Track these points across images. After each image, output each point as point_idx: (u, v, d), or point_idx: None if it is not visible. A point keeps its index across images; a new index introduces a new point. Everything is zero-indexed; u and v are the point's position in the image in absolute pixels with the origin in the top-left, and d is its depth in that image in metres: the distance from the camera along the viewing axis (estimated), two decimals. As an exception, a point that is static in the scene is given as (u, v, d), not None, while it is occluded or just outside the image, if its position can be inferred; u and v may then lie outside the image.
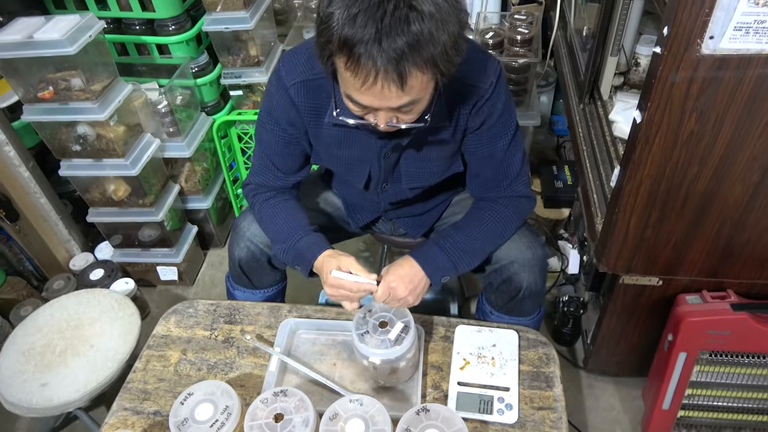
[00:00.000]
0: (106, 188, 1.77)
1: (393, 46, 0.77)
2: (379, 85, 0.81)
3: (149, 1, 1.72)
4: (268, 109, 1.13)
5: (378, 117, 0.91)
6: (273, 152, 1.17)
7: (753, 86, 0.92)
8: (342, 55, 0.81)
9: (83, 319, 1.49)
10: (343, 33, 0.78)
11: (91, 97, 1.50)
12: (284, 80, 1.06)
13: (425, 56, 0.79)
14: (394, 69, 0.79)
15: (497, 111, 1.07)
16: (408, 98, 0.85)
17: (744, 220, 1.13)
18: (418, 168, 1.15)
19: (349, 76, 0.83)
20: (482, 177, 1.17)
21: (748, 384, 1.29)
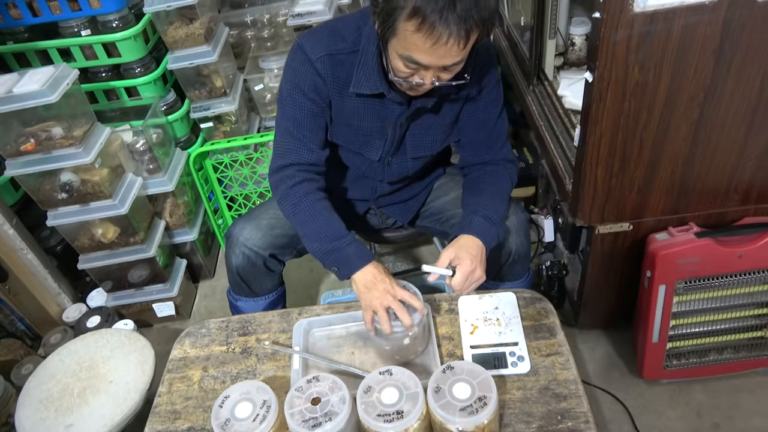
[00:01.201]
0: (94, 233, 1.80)
1: (464, 10, 0.91)
2: (447, 45, 0.94)
3: (114, 48, 1.79)
4: (294, 82, 1.17)
5: (426, 76, 1.03)
6: (300, 125, 1.19)
7: (681, 35, 1.08)
8: (415, 19, 0.92)
9: (96, 359, 1.51)
10: (417, 2, 0.91)
11: (74, 143, 1.55)
12: (309, 54, 1.14)
13: (484, 16, 0.93)
14: (463, 28, 0.92)
15: (494, 79, 1.23)
16: (462, 56, 0.99)
17: (692, 156, 1.28)
18: (423, 137, 1.27)
19: (419, 38, 0.94)
20: (477, 142, 1.30)
21: (721, 306, 1.43)
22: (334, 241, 1.16)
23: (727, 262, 1.34)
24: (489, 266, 1.37)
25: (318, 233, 1.18)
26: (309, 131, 1.20)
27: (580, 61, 1.81)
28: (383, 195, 1.43)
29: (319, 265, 2.16)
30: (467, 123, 1.28)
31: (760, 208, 1.38)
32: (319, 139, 1.23)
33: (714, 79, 1.15)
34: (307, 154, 1.21)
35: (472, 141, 1.31)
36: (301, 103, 1.18)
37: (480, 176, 1.30)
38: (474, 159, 1.33)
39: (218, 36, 1.96)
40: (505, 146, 1.31)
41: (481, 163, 1.32)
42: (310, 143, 1.21)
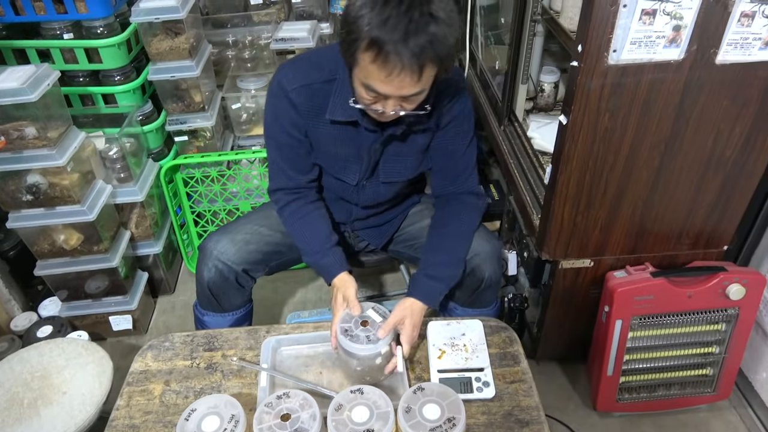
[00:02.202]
0: (56, 238, 1.74)
1: (417, 44, 0.95)
2: (401, 77, 0.98)
3: (96, 53, 1.78)
4: (274, 116, 1.27)
5: (386, 105, 1.07)
6: (281, 155, 1.30)
7: (648, 88, 1.18)
8: (371, 51, 0.97)
9: (49, 369, 1.45)
10: (374, 33, 0.95)
11: (48, 144, 1.52)
12: (285, 86, 1.21)
13: (439, 53, 0.98)
14: (416, 63, 0.96)
15: (466, 110, 1.28)
16: (419, 88, 1.03)
17: (651, 201, 1.38)
18: (395, 163, 1.32)
19: (374, 68, 0.99)
20: (445, 171, 1.35)
21: (671, 343, 1.52)
22: (315, 253, 1.31)
23: (678, 302, 1.43)
24: (461, 293, 1.43)
25: (307, 246, 1.32)
26: (289, 160, 1.31)
27: (548, 107, 1.93)
28: (359, 219, 1.47)
29: (283, 285, 2.17)
30: (436, 152, 1.33)
31: (708, 252, 1.49)
32: (300, 166, 1.32)
33: (674, 132, 1.26)
34: (286, 182, 1.33)
35: (440, 170, 1.36)
36: (279, 135, 1.28)
37: (445, 216, 1.36)
38: (441, 188, 1.38)
39: (202, 52, 1.98)
40: (471, 177, 1.37)
41: (447, 194, 1.37)
42: (290, 171, 1.32)
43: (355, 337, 1.16)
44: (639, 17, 1.08)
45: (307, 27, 2.14)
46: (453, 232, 1.33)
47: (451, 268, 1.31)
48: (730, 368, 1.55)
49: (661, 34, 1.11)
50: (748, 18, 1.10)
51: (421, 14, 0.95)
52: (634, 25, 1.08)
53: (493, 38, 2.19)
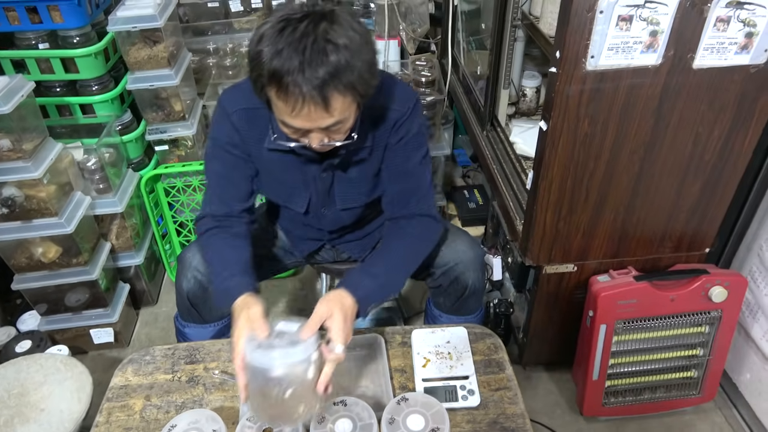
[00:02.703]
0: (34, 252, 1.71)
1: (315, 74, 0.90)
2: (306, 109, 0.93)
3: (72, 63, 1.75)
4: (214, 137, 1.21)
5: (311, 138, 1.02)
6: (222, 178, 1.22)
7: (626, 93, 1.18)
8: (272, 85, 0.93)
9: (27, 386, 1.42)
10: (271, 66, 0.91)
11: (23, 156, 1.49)
12: (227, 108, 1.16)
13: (344, 81, 0.93)
14: (318, 94, 0.91)
15: (413, 130, 1.19)
16: (334, 119, 0.97)
17: (632, 205, 1.38)
18: (348, 189, 1.26)
19: (280, 103, 0.95)
20: (394, 192, 1.25)
21: (655, 347, 1.52)
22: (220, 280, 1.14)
23: (661, 305, 1.44)
24: (445, 299, 1.42)
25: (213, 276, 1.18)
26: (228, 183, 1.22)
27: (531, 111, 1.93)
28: (333, 238, 1.44)
29: (266, 295, 2.15)
30: (385, 173, 1.24)
31: (690, 255, 1.50)
32: (237, 192, 1.23)
33: (653, 136, 1.26)
34: (218, 207, 1.23)
35: (388, 191, 1.26)
36: (220, 156, 1.20)
37: (392, 242, 1.23)
38: (393, 212, 1.27)
39: (181, 60, 1.96)
40: (423, 201, 1.24)
41: (399, 218, 1.25)
42: (225, 196, 1.23)
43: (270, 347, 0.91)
44: (616, 23, 1.08)
45: (288, 34, 2.13)
46: (401, 245, 1.21)
47: (389, 274, 1.16)
48: (714, 370, 1.55)
49: (638, 40, 1.11)
50: (724, 23, 1.10)
51: (315, 42, 0.90)
52: (611, 31, 1.08)
53: (475, 43, 2.19)
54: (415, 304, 2.10)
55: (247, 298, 1.06)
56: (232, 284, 1.11)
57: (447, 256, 1.35)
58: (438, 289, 1.42)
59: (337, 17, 0.94)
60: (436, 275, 1.38)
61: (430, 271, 1.38)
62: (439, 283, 1.39)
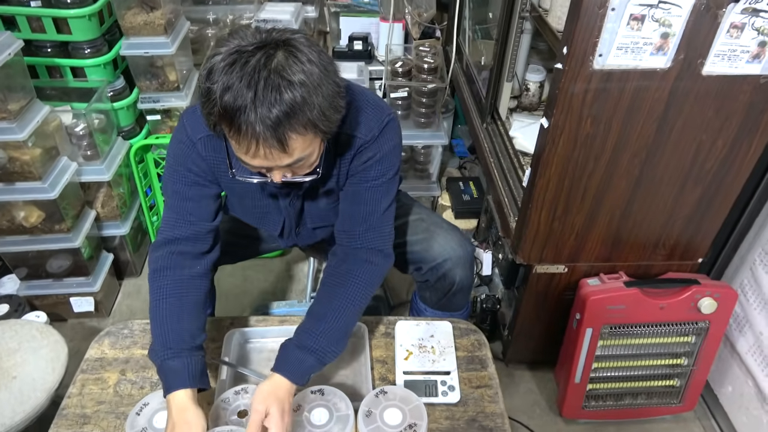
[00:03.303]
0: (16, 215, 1.67)
1: (269, 115, 0.81)
2: (262, 151, 0.86)
3: (65, 24, 1.70)
4: (176, 158, 1.10)
5: (273, 174, 0.95)
6: (186, 199, 1.11)
7: (631, 95, 1.15)
8: (224, 123, 0.86)
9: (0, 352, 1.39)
10: (222, 104, 0.82)
11: (8, 117, 1.44)
12: (191, 135, 1.06)
13: (302, 121, 0.84)
14: (272, 136, 0.83)
15: (380, 153, 1.08)
16: (293, 158, 0.90)
17: (629, 210, 1.36)
18: (319, 211, 1.21)
19: (234, 143, 0.88)
20: (344, 216, 1.14)
21: (640, 353, 1.51)
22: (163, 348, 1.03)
23: (650, 312, 1.42)
24: (431, 294, 1.40)
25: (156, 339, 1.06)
26: (192, 203, 1.11)
27: (533, 106, 1.89)
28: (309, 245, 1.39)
29: (253, 274, 2.13)
30: (341, 195, 1.16)
31: (682, 264, 1.48)
32: (202, 212, 1.12)
33: (656, 141, 1.23)
34: (185, 229, 1.11)
35: (341, 212, 1.16)
36: (183, 176, 1.10)
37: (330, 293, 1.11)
38: (340, 238, 1.16)
39: (178, 29, 1.90)
40: (373, 231, 1.13)
41: (345, 246, 1.15)
42: (191, 216, 1.11)
43: None
44: (627, 22, 1.05)
45: (291, 9, 2.08)
46: (342, 296, 1.10)
47: (329, 341, 1.06)
48: (697, 380, 1.55)
49: (649, 41, 1.08)
50: (738, 30, 1.07)
51: (269, 78, 0.82)
52: (621, 30, 1.05)
53: (481, 33, 2.15)
54: (401, 294, 2.08)
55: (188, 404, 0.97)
56: (176, 365, 1.00)
57: (435, 251, 1.32)
58: (425, 284, 1.39)
59: (294, 47, 0.85)
60: (423, 270, 1.35)
61: (417, 266, 1.36)
62: (426, 278, 1.36)
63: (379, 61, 2.31)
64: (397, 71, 2.06)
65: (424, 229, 1.36)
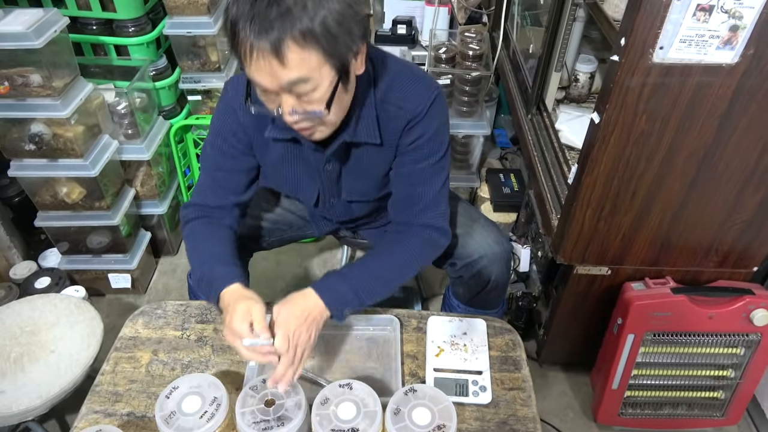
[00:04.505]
0: (58, 191, 1.70)
1: (265, 19, 0.80)
2: (260, 61, 0.83)
3: (110, 2, 1.70)
4: (216, 128, 1.13)
5: (282, 104, 0.91)
6: (219, 169, 1.15)
7: (693, 92, 1.07)
8: (229, 38, 0.86)
9: (39, 325, 1.42)
10: (227, 16, 0.84)
11: (52, 94, 1.46)
12: (232, 101, 1.09)
13: (300, 28, 0.81)
14: (268, 43, 0.81)
15: (429, 131, 1.08)
16: (294, 74, 0.85)
17: (681, 212, 1.28)
18: (355, 183, 1.19)
19: (239, 57, 0.86)
20: (399, 196, 1.16)
21: (683, 362, 1.44)
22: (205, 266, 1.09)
23: (697, 321, 1.35)
24: (465, 291, 1.36)
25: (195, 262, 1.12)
26: (224, 173, 1.15)
27: (581, 98, 1.81)
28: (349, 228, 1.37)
29: (285, 258, 2.13)
30: (392, 173, 1.15)
31: (735, 272, 1.40)
32: (235, 184, 1.16)
33: (716, 140, 1.15)
34: (213, 198, 1.15)
35: (394, 193, 1.17)
36: (220, 147, 1.13)
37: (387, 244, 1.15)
38: (393, 215, 1.19)
39: (221, 9, 1.89)
40: (429, 210, 1.14)
41: (401, 222, 1.16)
42: (220, 188, 1.15)
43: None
44: (693, 13, 0.97)
45: (334, -9, 2.03)
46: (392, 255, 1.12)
47: (371, 279, 1.08)
48: (743, 394, 1.47)
49: (716, 34, 1.00)
50: (818, 23, 0.98)
51: None
52: (686, 22, 0.97)
53: (530, 19, 2.06)
54: (434, 287, 2.04)
55: (243, 290, 1.02)
56: (218, 273, 1.06)
57: (471, 247, 1.28)
58: (458, 280, 1.35)
59: None
60: (457, 266, 1.31)
61: (452, 261, 1.31)
62: (460, 274, 1.32)
63: (422, 47, 2.25)
64: (440, 57, 2.00)
65: (461, 224, 1.32)
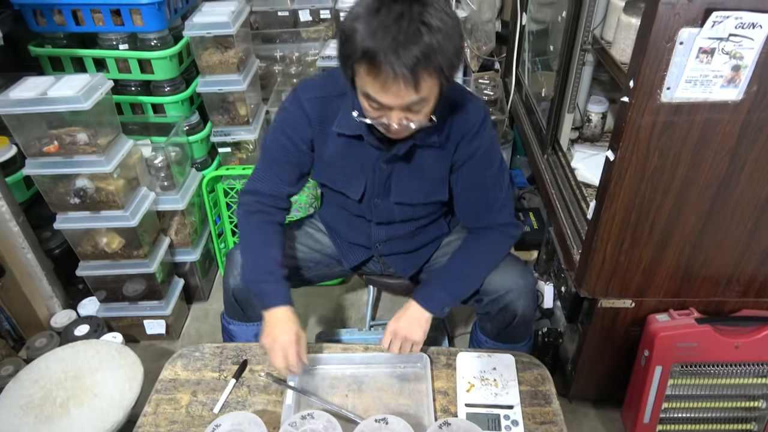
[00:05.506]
0: (99, 241, 1.79)
1: (409, 54, 0.94)
2: (396, 87, 0.97)
3: (148, 64, 1.84)
4: (281, 121, 1.28)
5: (391, 117, 1.06)
6: (275, 162, 1.30)
7: (701, 128, 1.13)
8: (364, 62, 0.98)
9: (83, 369, 1.48)
10: (365, 45, 0.95)
11: (97, 151, 1.57)
12: (300, 96, 1.24)
13: (435, 63, 0.96)
14: (409, 74, 0.95)
15: (485, 144, 1.24)
16: (419, 97, 1.01)
17: (699, 244, 1.32)
18: (406, 183, 1.29)
19: (370, 79, 0.99)
20: (471, 205, 1.32)
21: (713, 394, 1.44)
22: (260, 274, 1.26)
23: (724, 351, 1.36)
24: (492, 326, 1.39)
25: (253, 266, 1.29)
26: (279, 166, 1.30)
27: (595, 137, 1.88)
28: (381, 241, 1.44)
29: (314, 301, 2.17)
30: (460, 187, 1.30)
31: (759, 301, 1.41)
32: (288, 176, 1.31)
33: (728, 174, 1.20)
34: (268, 186, 1.31)
35: (466, 203, 1.32)
36: (279, 141, 1.28)
37: (470, 242, 1.35)
38: (471, 223, 1.35)
39: (249, 66, 2.02)
40: (502, 210, 1.32)
41: (476, 228, 1.34)
42: (275, 177, 1.31)
43: None
44: (696, 55, 1.04)
45: (354, 46, 2.16)
46: (476, 251, 1.32)
47: (461, 282, 1.30)
48: (777, 425, 1.46)
49: (719, 74, 1.06)
50: (816, 61, 1.04)
51: (411, 22, 0.94)
52: (690, 63, 1.04)
53: (541, 64, 2.16)
54: (460, 325, 2.07)
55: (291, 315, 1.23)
56: (270, 289, 1.24)
57: (496, 283, 1.32)
58: (486, 316, 1.39)
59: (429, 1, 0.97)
60: (484, 302, 1.35)
61: (477, 297, 1.36)
62: (487, 309, 1.36)
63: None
64: (456, 103, 2.09)
65: (486, 261, 1.37)
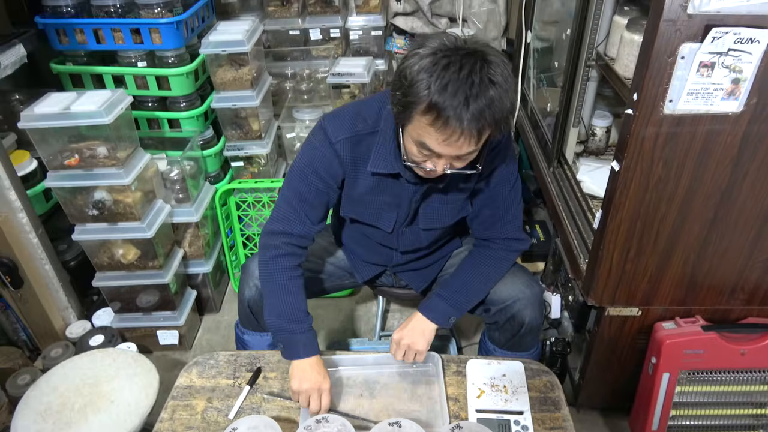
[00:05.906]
0: (115, 252, 1.83)
1: (476, 108, 0.96)
2: (459, 141, 1.00)
3: (165, 81, 1.90)
4: (310, 161, 1.25)
5: (438, 163, 1.08)
6: (302, 200, 1.27)
7: (704, 139, 1.17)
8: (430, 114, 0.98)
9: (100, 377, 1.51)
10: (434, 98, 0.96)
11: (116, 164, 1.62)
12: (330, 137, 1.22)
13: (496, 116, 0.99)
14: (475, 127, 0.98)
15: (507, 159, 1.28)
16: (475, 149, 1.05)
17: (703, 252, 1.35)
18: (435, 210, 1.32)
19: (433, 131, 1.00)
20: (483, 217, 1.35)
21: (720, 401, 1.46)
22: (290, 323, 1.27)
23: (730, 358, 1.38)
24: (500, 335, 1.42)
25: (280, 309, 1.28)
26: (309, 206, 1.28)
27: (600, 151, 1.92)
28: (399, 264, 1.48)
29: (323, 313, 2.20)
30: (478, 200, 1.33)
31: (764, 309, 1.44)
32: (316, 215, 1.30)
33: (730, 183, 1.24)
34: (299, 227, 1.29)
35: (478, 215, 1.35)
36: (310, 180, 1.26)
37: (473, 257, 1.39)
38: (479, 233, 1.39)
39: (262, 83, 2.08)
40: (510, 224, 1.35)
41: (486, 239, 1.37)
42: (306, 218, 1.29)
43: None
44: (697, 69, 1.08)
45: (363, 63, 2.22)
46: (480, 265, 1.36)
47: (464, 295, 1.34)
48: (785, 433, 1.47)
49: (720, 87, 1.11)
50: (812, 74, 1.08)
51: (481, 80, 0.96)
52: (691, 77, 1.09)
53: (546, 80, 2.21)
54: (469, 335, 2.09)
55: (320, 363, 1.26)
56: (302, 339, 1.26)
57: (504, 293, 1.36)
58: (494, 325, 1.42)
59: (491, 56, 0.99)
60: (491, 311, 1.38)
61: (485, 307, 1.39)
62: (495, 319, 1.39)
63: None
64: (463, 118, 2.14)
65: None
